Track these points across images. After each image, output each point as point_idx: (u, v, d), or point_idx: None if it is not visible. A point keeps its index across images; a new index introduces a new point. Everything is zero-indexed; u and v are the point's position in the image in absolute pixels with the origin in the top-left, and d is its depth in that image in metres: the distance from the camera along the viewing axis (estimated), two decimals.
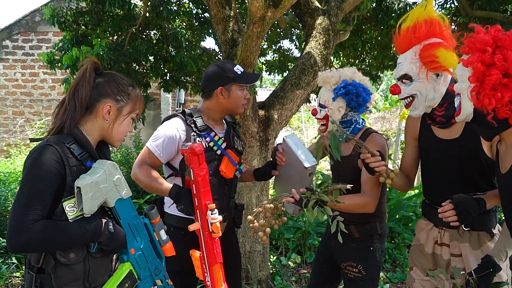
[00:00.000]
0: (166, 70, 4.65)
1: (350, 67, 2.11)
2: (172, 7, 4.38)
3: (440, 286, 1.76)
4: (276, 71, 5.80)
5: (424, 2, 1.69)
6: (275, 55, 6.02)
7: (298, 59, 3.46)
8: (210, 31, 4.85)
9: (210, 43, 48.77)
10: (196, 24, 4.88)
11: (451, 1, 4.90)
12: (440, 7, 5.00)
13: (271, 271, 3.62)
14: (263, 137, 3.07)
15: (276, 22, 4.65)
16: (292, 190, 1.72)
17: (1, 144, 8.64)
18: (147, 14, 4.11)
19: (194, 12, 4.83)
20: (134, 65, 4.33)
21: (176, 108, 9.22)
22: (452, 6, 4.98)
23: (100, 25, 4.19)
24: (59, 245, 1.25)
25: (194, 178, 1.64)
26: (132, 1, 3.87)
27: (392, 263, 4.09)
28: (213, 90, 1.93)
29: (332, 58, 5.09)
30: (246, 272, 3.24)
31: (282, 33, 5.66)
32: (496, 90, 1.25)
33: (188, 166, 1.66)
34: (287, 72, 5.50)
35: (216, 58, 5.12)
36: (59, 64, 4.06)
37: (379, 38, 4.93)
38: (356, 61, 5.55)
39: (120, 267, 1.37)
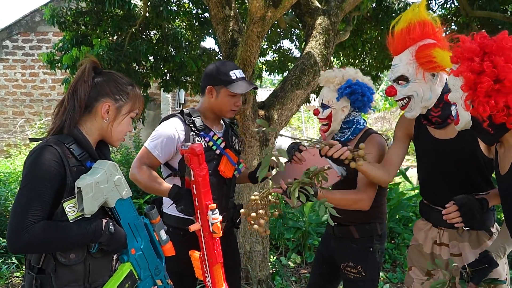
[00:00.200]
0: (166, 70, 4.64)
1: (351, 67, 2.11)
2: (172, 7, 4.38)
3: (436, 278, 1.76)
4: (276, 71, 5.80)
5: (417, 3, 1.69)
6: (275, 55, 6.02)
7: (298, 59, 3.46)
8: (210, 31, 4.85)
9: (210, 43, 48.91)
10: (196, 24, 4.88)
11: (451, 1, 4.90)
12: (440, 7, 5.00)
13: (271, 271, 3.62)
14: (263, 137, 3.07)
15: (276, 22, 4.65)
16: (280, 181, 1.70)
17: (1, 144, 8.64)
18: (147, 14, 4.11)
19: (194, 12, 4.83)
20: (134, 65, 4.33)
21: (176, 108, 9.23)
22: (452, 6, 4.99)
23: (100, 25, 4.19)
24: (59, 246, 1.25)
25: (194, 178, 1.64)
26: (132, 1, 3.87)
27: (392, 263, 4.09)
28: (205, 87, 1.93)
29: (332, 58, 5.09)
30: (246, 272, 3.24)
31: (282, 33, 5.66)
32: (490, 96, 1.25)
33: (188, 166, 1.66)
34: (287, 72, 5.50)
35: (216, 58, 5.12)
36: (59, 64, 4.06)
37: (379, 38, 4.93)
38: (356, 61, 5.55)
39: (121, 267, 1.37)
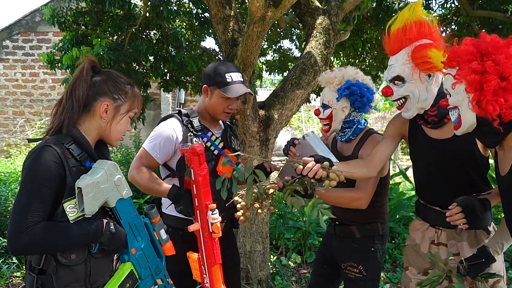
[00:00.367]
0: (166, 70, 4.65)
1: (351, 67, 2.11)
2: (172, 7, 4.38)
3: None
4: (276, 71, 5.81)
5: (412, 4, 1.69)
6: (275, 55, 6.03)
7: (298, 59, 3.46)
8: (210, 31, 4.85)
9: (210, 43, 48.95)
10: (196, 24, 4.88)
11: (452, 0, 4.90)
12: (440, 6, 5.00)
13: (271, 271, 3.62)
14: (263, 137, 3.07)
15: (276, 22, 4.65)
16: (276, 178, 1.67)
17: (1, 144, 8.65)
18: (147, 14, 4.11)
19: (194, 12, 4.83)
20: (134, 65, 4.33)
21: (176, 108, 9.23)
22: (453, 5, 4.99)
23: (100, 25, 4.19)
24: (60, 246, 1.25)
25: (194, 178, 1.63)
26: (132, 1, 3.87)
27: (393, 263, 4.08)
28: (202, 86, 1.94)
29: (332, 58, 5.09)
30: (246, 272, 3.24)
31: (282, 33, 5.66)
32: (497, 95, 1.26)
33: (189, 166, 1.65)
34: (287, 72, 5.50)
35: (216, 58, 5.12)
36: (59, 64, 4.07)
37: (380, 38, 4.93)
38: (356, 61, 5.56)
39: (121, 267, 1.37)
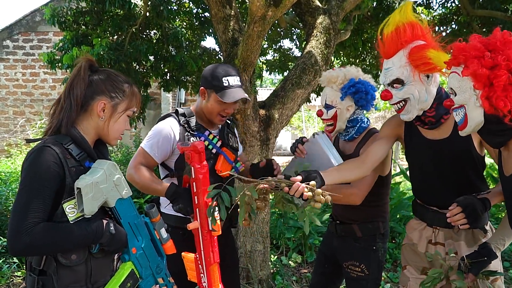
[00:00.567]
0: (166, 70, 4.64)
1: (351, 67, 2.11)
2: (172, 7, 4.38)
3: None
4: (276, 70, 5.80)
5: (402, 6, 1.67)
6: (276, 54, 6.03)
7: (298, 59, 3.45)
8: (211, 30, 4.85)
9: (210, 42, 48.91)
10: (197, 23, 4.88)
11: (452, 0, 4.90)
12: (441, 6, 5.00)
13: (271, 270, 3.62)
14: (263, 136, 3.07)
15: (276, 22, 4.65)
16: (268, 178, 1.58)
17: (2, 144, 8.65)
18: (147, 14, 4.10)
19: (195, 11, 4.83)
20: (135, 64, 4.33)
21: (176, 108, 9.24)
22: (453, 5, 4.98)
23: (100, 25, 4.19)
24: (60, 247, 1.25)
25: (195, 176, 1.63)
26: (132, 0, 3.86)
27: (393, 262, 4.08)
28: (200, 87, 1.94)
29: (332, 58, 5.08)
30: (246, 272, 3.24)
31: (282, 32, 5.66)
32: (507, 90, 1.24)
33: (189, 164, 1.65)
34: (287, 71, 5.50)
35: (217, 57, 5.12)
36: (60, 64, 4.06)
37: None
38: (357, 60, 5.55)
39: (122, 267, 1.37)
